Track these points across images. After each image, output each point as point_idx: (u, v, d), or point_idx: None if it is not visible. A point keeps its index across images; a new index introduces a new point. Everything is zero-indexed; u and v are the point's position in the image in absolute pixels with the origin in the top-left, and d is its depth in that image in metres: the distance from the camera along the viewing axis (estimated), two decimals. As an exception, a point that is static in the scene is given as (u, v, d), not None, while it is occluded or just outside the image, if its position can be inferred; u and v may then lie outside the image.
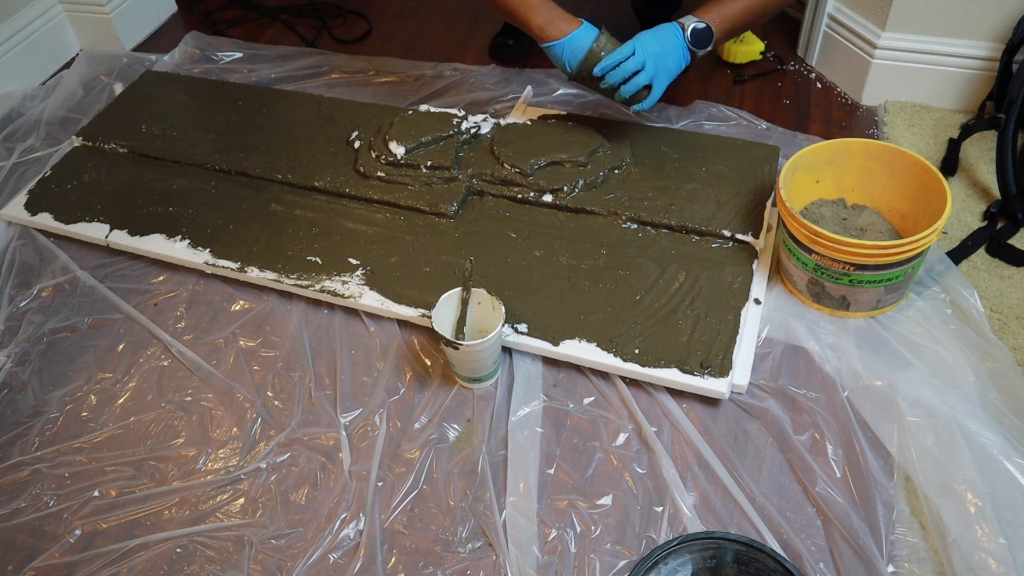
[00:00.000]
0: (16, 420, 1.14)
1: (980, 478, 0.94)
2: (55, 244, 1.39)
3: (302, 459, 1.06)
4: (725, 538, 0.91)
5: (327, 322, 1.23)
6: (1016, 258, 1.23)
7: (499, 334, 1.06)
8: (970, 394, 1.04)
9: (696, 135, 1.45)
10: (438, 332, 1.04)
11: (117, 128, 1.56)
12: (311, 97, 1.62)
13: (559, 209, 1.32)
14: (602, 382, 1.11)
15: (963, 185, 1.38)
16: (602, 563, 0.93)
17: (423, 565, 0.95)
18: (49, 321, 1.26)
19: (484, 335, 1.07)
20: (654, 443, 1.03)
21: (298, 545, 0.98)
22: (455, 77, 1.70)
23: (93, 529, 1.01)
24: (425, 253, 1.27)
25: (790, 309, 1.17)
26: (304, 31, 1.93)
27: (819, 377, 1.09)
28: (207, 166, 1.46)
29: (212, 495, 1.03)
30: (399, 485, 1.02)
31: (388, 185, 1.37)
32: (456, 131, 1.41)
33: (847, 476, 0.99)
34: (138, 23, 1.94)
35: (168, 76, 1.71)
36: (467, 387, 1.11)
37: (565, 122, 1.44)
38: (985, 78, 1.46)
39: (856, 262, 1.06)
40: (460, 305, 1.10)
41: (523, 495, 0.99)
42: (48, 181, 1.47)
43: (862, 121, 1.54)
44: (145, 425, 1.12)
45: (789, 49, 1.73)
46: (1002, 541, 0.89)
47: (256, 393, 1.14)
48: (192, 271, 1.32)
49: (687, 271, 1.20)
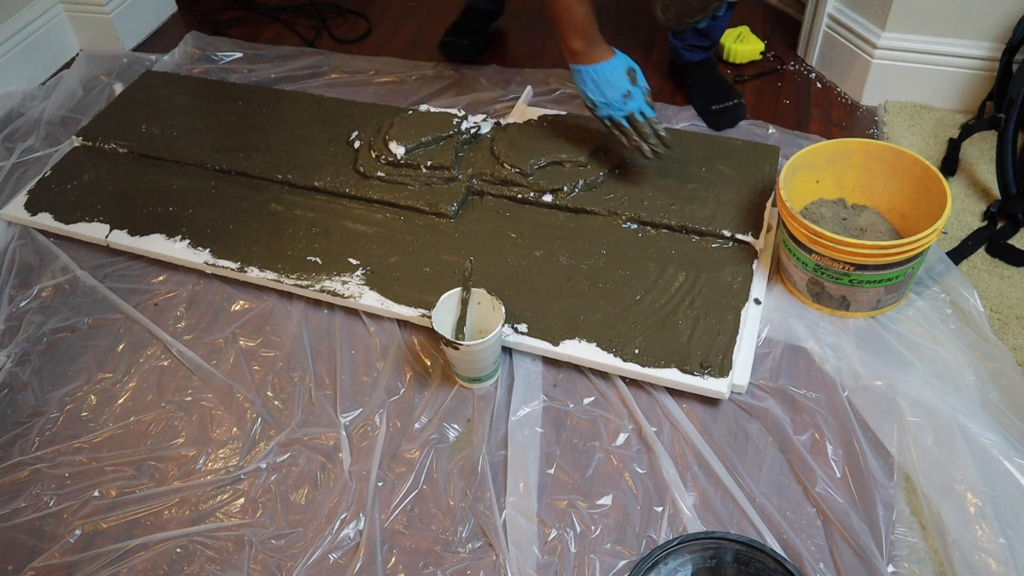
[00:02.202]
0: (16, 420, 1.14)
1: (980, 478, 0.94)
2: (55, 244, 1.39)
3: (302, 459, 1.06)
4: (725, 538, 0.91)
5: (327, 322, 1.23)
6: (1016, 258, 1.23)
7: (499, 334, 1.06)
8: (970, 394, 1.04)
9: (696, 135, 1.45)
10: (438, 332, 1.04)
11: (117, 128, 1.56)
12: (311, 97, 1.62)
13: (559, 209, 1.32)
14: (602, 382, 1.11)
15: (963, 185, 1.37)
16: (602, 563, 0.93)
17: (423, 565, 0.95)
18: (49, 321, 1.26)
19: (484, 335, 1.07)
20: (654, 443, 1.03)
21: (298, 545, 0.98)
22: (455, 77, 1.70)
23: (93, 529, 1.01)
24: (425, 253, 1.27)
25: (790, 309, 1.17)
26: (304, 31, 1.93)
27: (819, 377, 1.09)
28: (207, 166, 1.46)
29: (212, 495, 1.03)
30: (399, 485, 1.02)
31: (388, 185, 1.37)
32: (456, 131, 1.41)
33: (847, 476, 0.99)
34: (138, 23, 1.94)
35: (168, 76, 1.71)
36: (467, 387, 1.11)
37: (565, 122, 1.44)
38: (985, 78, 1.46)
39: (856, 262, 1.06)
40: (460, 305, 1.10)
41: (523, 495, 0.99)
42: (48, 181, 1.47)
43: (862, 121, 1.54)
44: (145, 425, 1.12)
45: (789, 49, 1.73)
46: (1002, 541, 0.89)
47: (256, 393, 1.14)
48: (192, 271, 1.32)
49: (687, 271, 1.20)
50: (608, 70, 1.19)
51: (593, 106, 1.23)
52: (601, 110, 1.23)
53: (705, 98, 1.54)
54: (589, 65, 1.20)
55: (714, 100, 1.53)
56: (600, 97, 1.21)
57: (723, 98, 1.52)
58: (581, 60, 1.20)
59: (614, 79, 1.20)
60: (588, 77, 1.20)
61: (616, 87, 1.20)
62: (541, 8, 1.27)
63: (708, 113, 1.52)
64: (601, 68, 1.19)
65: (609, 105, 1.21)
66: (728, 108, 1.51)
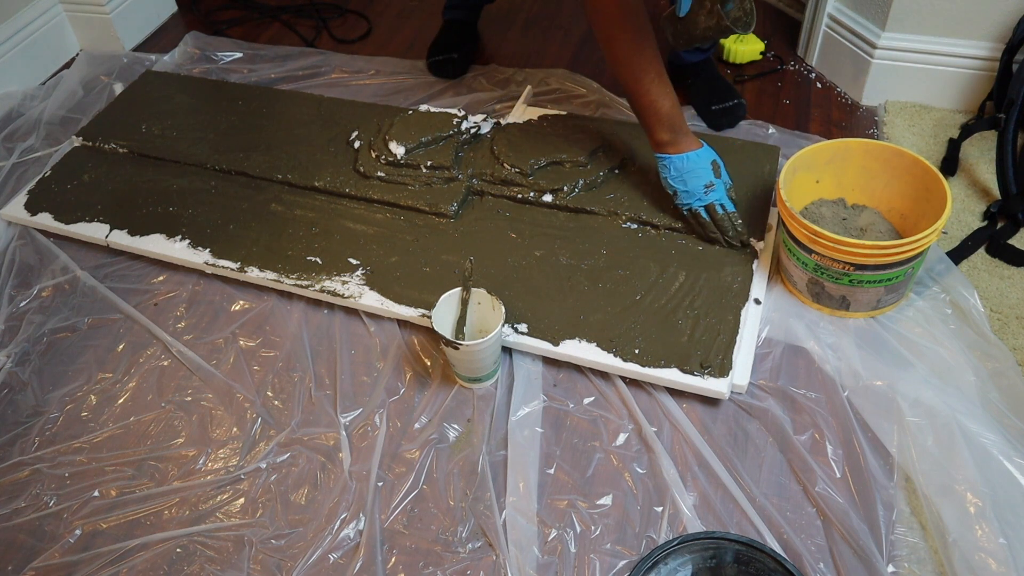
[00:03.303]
0: (16, 420, 1.14)
1: (980, 478, 0.94)
2: (55, 244, 1.39)
3: (302, 459, 1.06)
4: (725, 538, 0.91)
5: (327, 322, 1.23)
6: (1016, 258, 1.23)
7: (499, 334, 1.06)
8: (970, 394, 1.04)
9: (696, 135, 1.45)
10: (438, 332, 1.05)
11: (117, 128, 1.56)
12: (311, 97, 1.62)
13: (559, 209, 1.32)
14: (602, 382, 1.11)
15: (963, 185, 1.37)
16: (602, 563, 0.93)
17: (423, 565, 0.95)
18: (49, 321, 1.26)
19: (484, 335, 1.07)
20: (654, 443, 1.03)
21: (298, 545, 0.98)
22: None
23: (93, 529, 1.01)
24: (425, 253, 1.27)
25: (790, 309, 1.17)
26: (304, 31, 1.93)
27: (819, 377, 1.09)
28: (207, 166, 1.46)
29: (212, 495, 1.03)
30: (399, 485, 1.02)
31: (388, 185, 1.37)
32: (456, 131, 1.41)
33: (847, 476, 0.99)
34: (138, 23, 1.94)
35: (168, 76, 1.71)
36: (467, 387, 1.12)
37: (565, 122, 1.44)
38: (985, 78, 1.46)
39: (856, 262, 1.06)
40: (460, 305, 1.11)
41: (523, 495, 0.99)
42: (48, 181, 1.47)
43: (862, 121, 1.54)
44: (145, 425, 1.12)
45: (789, 49, 1.73)
46: (1002, 541, 0.89)
47: (256, 393, 1.14)
48: (192, 271, 1.32)
49: (687, 271, 1.20)
50: (694, 160, 1.18)
51: (674, 194, 1.22)
52: (681, 199, 1.21)
53: (705, 98, 1.54)
54: (675, 155, 1.19)
55: (714, 100, 1.53)
56: (682, 186, 1.20)
57: (723, 98, 1.52)
58: (667, 149, 1.19)
59: (698, 169, 1.19)
60: (672, 166, 1.19)
61: (699, 177, 1.19)
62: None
63: (708, 113, 1.52)
64: (687, 158, 1.18)
65: (690, 194, 1.20)
66: (728, 108, 1.51)
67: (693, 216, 1.22)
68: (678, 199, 1.22)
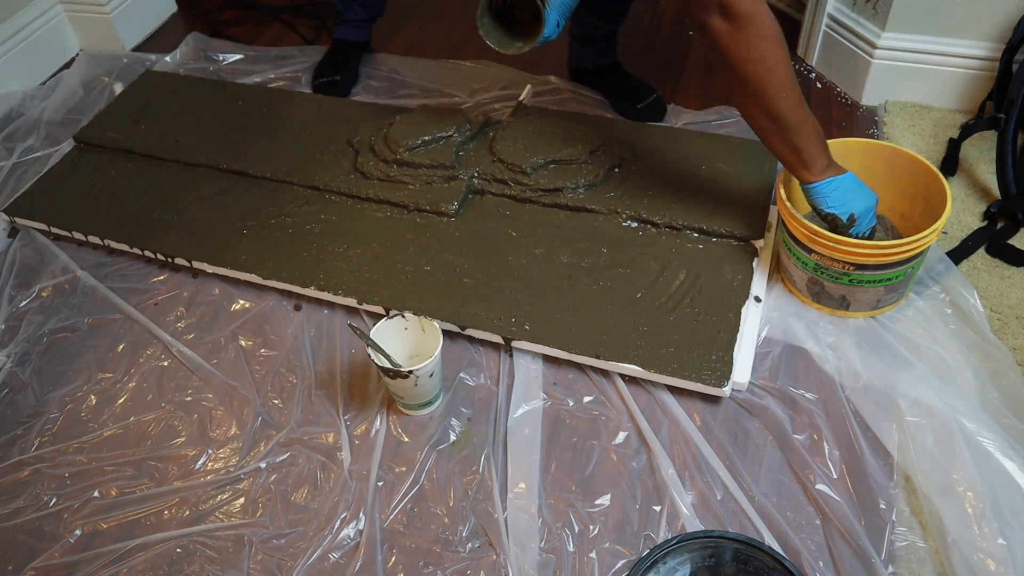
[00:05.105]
0: (16, 420, 1.14)
1: (980, 478, 0.94)
2: (55, 244, 1.39)
3: (302, 459, 1.06)
4: (724, 537, 0.91)
5: (327, 322, 1.23)
6: (1016, 258, 1.23)
7: (440, 352, 1.02)
8: (970, 394, 1.04)
9: (696, 134, 1.45)
10: (380, 367, 1.01)
11: (117, 128, 1.56)
12: (311, 97, 1.62)
13: (559, 208, 1.32)
14: (602, 380, 1.11)
15: (963, 185, 1.37)
16: (601, 562, 0.93)
17: (423, 565, 0.95)
18: (49, 321, 1.26)
19: (421, 360, 1.04)
20: (653, 442, 1.03)
21: (298, 545, 0.98)
22: (455, 77, 1.70)
23: (93, 529, 1.01)
24: (426, 252, 1.27)
25: (790, 308, 1.17)
26: (304, 31, 1.93)
27: (819, 377, 1.09)
28: (207, 166, 1.46)
29: (212, 495, 1.03)
30: (399, 485, 1.02)
31: (388, 184, 1.37)
32: (456, 131, 1.41)
33: (847, 476, 0.99)
34: (138, 23, 1.94)
35: (168, 76, 1.71)
36: (410, 415, 1.09)
37: (565, 121, 1.44)
38: (985, 78, 1.46)
39: (856, 262, 1.06)
40: (390, 335, 1.07)
41: (523, 494, 0.99)
42: (48, 181, 1.47)
43: (862, 121, 1.54)
44: (145, 425, 1.12)
45: (789, 49, 1.72)
46: (1002, 541, 0.89)
47: (256, 393, 1.14)
48: (192, 271, 1.32)
49: (687, 269, 1.20)
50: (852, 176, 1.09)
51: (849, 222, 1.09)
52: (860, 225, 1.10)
53: (628, 99, 1.56)
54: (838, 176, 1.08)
55: (637, 99, 1.55)
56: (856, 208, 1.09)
57: (644, 95, 1.55)
58: (830, 172, 1.08)
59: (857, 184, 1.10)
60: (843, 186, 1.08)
61: (869, 194, 1.10)
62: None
63: (635, 112, 1.55)
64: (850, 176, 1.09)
65: (870, 211, 1.10)
66: (651, 104, 1.54)
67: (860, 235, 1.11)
68: (856, 227, 1.09)
